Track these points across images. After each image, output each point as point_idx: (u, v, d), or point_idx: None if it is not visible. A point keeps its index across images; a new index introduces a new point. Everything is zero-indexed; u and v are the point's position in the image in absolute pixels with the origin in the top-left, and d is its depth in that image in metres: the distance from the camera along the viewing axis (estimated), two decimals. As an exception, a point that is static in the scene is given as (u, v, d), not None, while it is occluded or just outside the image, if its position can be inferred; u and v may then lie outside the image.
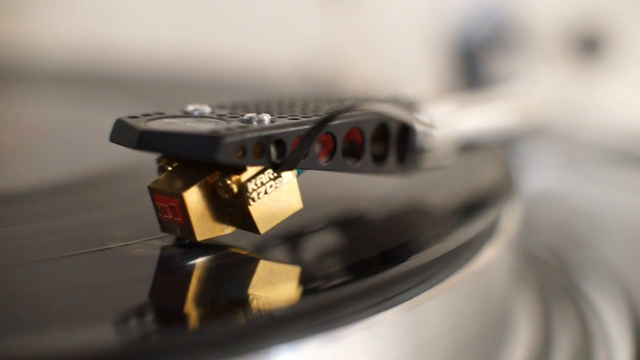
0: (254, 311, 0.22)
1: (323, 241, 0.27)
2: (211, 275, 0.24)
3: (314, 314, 0.22)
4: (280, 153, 0.24)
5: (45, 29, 0.70)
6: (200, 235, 0.24)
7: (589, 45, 0.59)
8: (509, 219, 0.31)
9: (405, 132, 0.28)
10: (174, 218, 0.24)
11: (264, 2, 0.68)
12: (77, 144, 0.41)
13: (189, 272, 0.24)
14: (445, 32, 0.60)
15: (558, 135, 0.51)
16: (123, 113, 0.25)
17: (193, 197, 0.24)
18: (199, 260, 0.24)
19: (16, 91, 0.55)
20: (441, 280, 0.26)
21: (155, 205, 0.24)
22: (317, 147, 0.25)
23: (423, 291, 0.25)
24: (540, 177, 0.48)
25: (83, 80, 0.57)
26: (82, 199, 0.30)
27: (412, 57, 0.63)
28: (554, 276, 0.37)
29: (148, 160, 0.26)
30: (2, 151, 0.42)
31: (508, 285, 0.31)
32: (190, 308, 0.23)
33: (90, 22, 0.71)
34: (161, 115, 0.25)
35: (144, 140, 0.24)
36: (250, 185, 0.24)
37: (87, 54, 0.63)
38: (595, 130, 0.54)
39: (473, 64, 0.57)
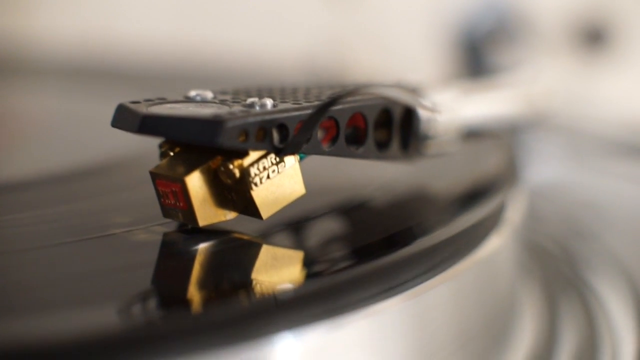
0: (257, 295, 0.22)
1: (326, 227, 0.27)
2: (214, 260, 0.24)
3: (317, 297, 0.22)
4: (282, 137, 0.24)
5: (48, 22, 0.70)
6: (203, 221, 0.24)
7: (593, 37, 0.59)
8: (514, 208, 0.31)
9: (409, 118, 0.28)
10: (176, 203, 0.24)
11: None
12: (80, 134, 0.41)
13: (191, 257, 0.24)
14: (449, 24, 0.60)
15: (562, 127, 0.51)
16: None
17: (195, 182, 0.24)
18: (202, 246, 0.24)
19: (19, 84, 0.55)
20: (446, 268, 0.26)
21: (157, 191, 0.24)
22: (320, 133, 0.25)
23: (428, 279, 0.25)
24: (545, 168, 0.48)
25: (85, 72, 0.57)
26: (85, 186, 0.30)
27: (416, 49, 0.63)
28: (559, 267, 0.37)
29: (150, 147, 0.26)
30: (5, 141, 0.42)
31: (513, 275, 0.31)
32: (193, 293, 0.22)
33: (93, 15, 0.71)
34: (163, 101, 0.25)
35: (145, 124, 0.23)
36: (253, 170, 0.24)
37: (90, 47, 0.63)
38: (600, 121, 0.54)
39: (477, 56, 0.57)
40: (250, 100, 0.24)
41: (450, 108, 0.29)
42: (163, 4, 0.70)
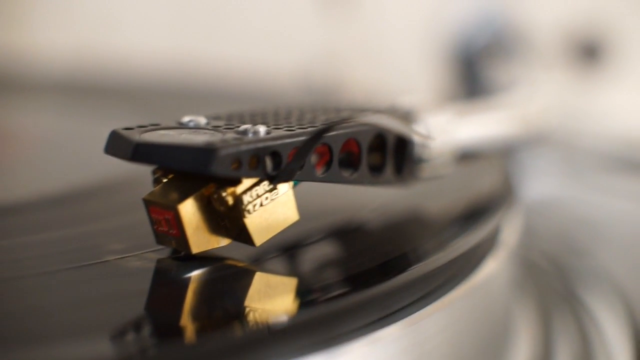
0: (250, 324, 0.22)
1: (321, 253, 0.26)
2: (207, 288, 0.24)
3: (312, 326, 0.22)
4: (276, 165, 0.24)
5: (44, 38, 0.70)
6: (196, 248, 0.24)
7: (588, 52, 0.59)
8: (510, 230, 0.31)
9: (403, 142, 0.28)
10: (169, 230, 0.24)
11: (263, 10, 0.68)
12: (74, 155, 0.41)
13: (184, 285, 0.24)
14: (445, 40, 0.60)
15: (558, 143, 0.51)
16: (121, 123, 0.25)
17: (188, 210, 0.24)
18: (195, 273, 0.24)
19: (13, 100, 0.55)
20: (442, 295, 0.26)
21: (150, 218, 0.24)
22: (313, 158, 0.25)
23: (424, 306, 0.25)
24: (541, 184, 0.48)
25: (81, 90, 0.57)
26: (78, 211, 0.30)
27: (412, 64, 0.63)
28: (554, 284, 0.37)
29: (144, 172, 0.26)
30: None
31: (509, 296, 0.31)
32: (187, 321, 0.22)
33: (89, 31, 0.71)
34: (156, 127, 0.25)
35: (138, 152, 0.23)
36: (246, 198, 0.24)
37: (86, 64, 0.63)
38: (596, 137, 0.54)
39: (473, 71, 0.57)
40: (243, 126, 0.24)
41: (445, 131, 0.29)
42: (159, 20, 0.70)
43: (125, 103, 0.50)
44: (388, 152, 0.27)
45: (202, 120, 0.25)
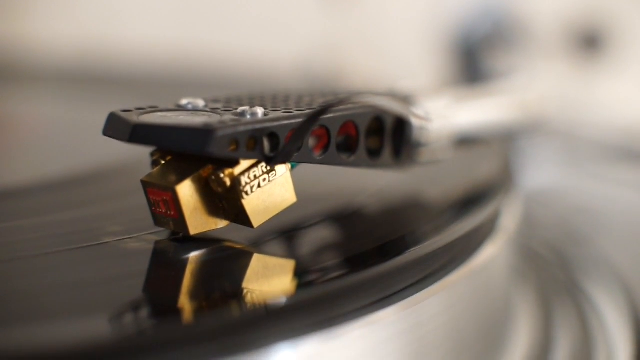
0: (248, 305, 0.22)
1: (319, 236, 0.27)
2: (205, 269, 0.24)
3: (309, 307, 0.22)
4: (273, 146, 0.24)
5: (45, 28, 0.70)
6: (194, 229, 0.24)
7: (589, 42, 0.59)
8: (509, 216, 0.31)
9: (401, 126, 0.28)
10: (167, 212, 0.24)
11: (263, -1, 0.68)
12: (73, 141, 0.41)
13: (183, 266, 0.24)
14: (445, 29, 0.60)
15: (559, 132, 0.51)
16: (121, 110, 0.25)
17: (186, 191, 0.24)
18: (193, 255, 0.24)
19: (15, 90, 0.55)
20: (441, 277, 0.26)
21: (148, 199, 0.24)
22: (311, 141, 0.25)
23: (422, 289, 0.25)
24: (541, 174, 0.48)
25: (82, 78, 0.57)
26: (77, 194, 0.30)
27: (413, 53, 0.63)
28: (554, 273, 0.36)
29: (143, 154, 0.26)
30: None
31: (508, 282, 0.31)
32: (185, 302, 0.22)
33: (90, 21, 0.71)
34: (154, 109, 0.25)
35: (136, 133, 0.23)
36: (244, 179, 0.24)
37: (87, 53, 0.63)
38: (596, 126, 0.54)
39: (473, 61, 0.57)
40: (241, 108, 0.24)
41: (443, 115, 0.29)
42: (159, 10, 0.70)
43: (126, 92, 0.50)
44: (386, 135, 0.27)
45: (201, 103, 0.26)
